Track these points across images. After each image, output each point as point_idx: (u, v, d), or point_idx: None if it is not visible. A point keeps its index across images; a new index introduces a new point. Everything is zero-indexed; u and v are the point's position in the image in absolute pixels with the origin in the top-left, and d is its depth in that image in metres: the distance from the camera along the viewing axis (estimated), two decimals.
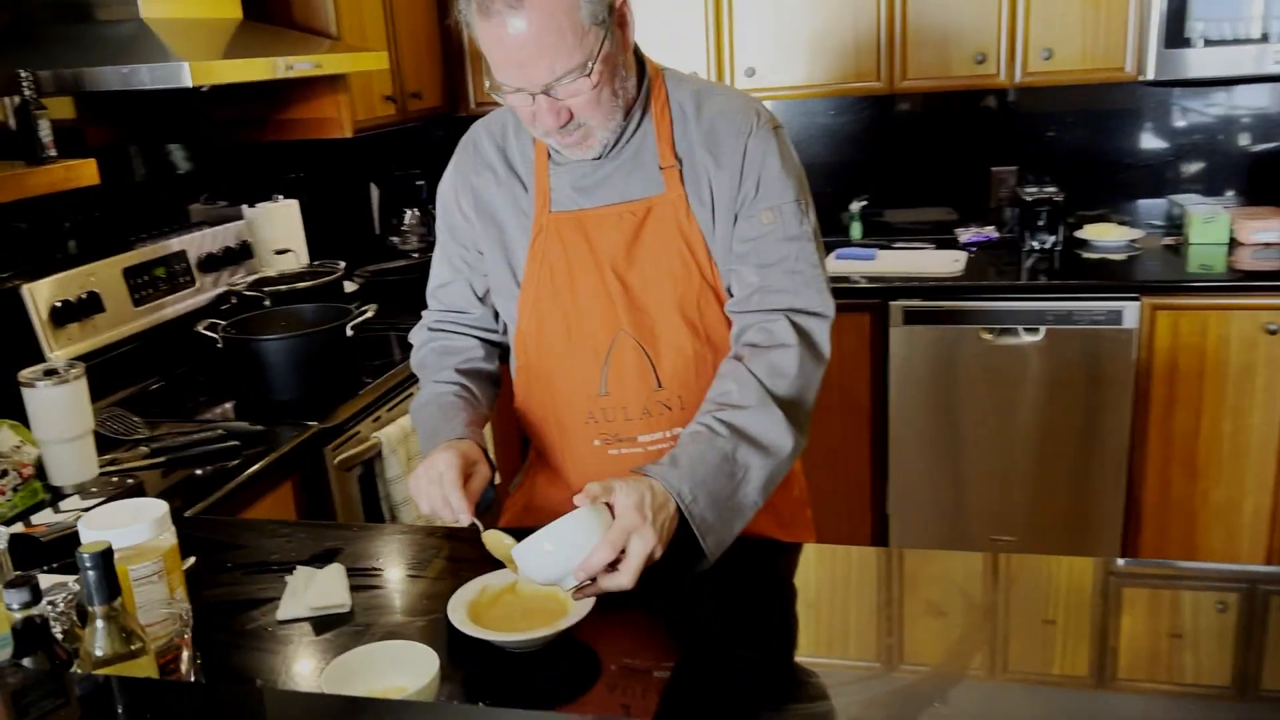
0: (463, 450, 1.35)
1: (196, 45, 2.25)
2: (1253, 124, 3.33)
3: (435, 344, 1.56)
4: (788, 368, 1.34)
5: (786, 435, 1.31)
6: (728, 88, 1.48)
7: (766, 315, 1.37)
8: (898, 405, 3.11)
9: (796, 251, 1.38)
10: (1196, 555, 3.03)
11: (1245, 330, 2.85)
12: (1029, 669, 1.21)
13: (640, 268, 1.41)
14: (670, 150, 1.40)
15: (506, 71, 1.27)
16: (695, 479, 1.25)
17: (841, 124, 3.60)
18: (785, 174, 1.39)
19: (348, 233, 3.55)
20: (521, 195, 1.47)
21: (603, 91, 1.30)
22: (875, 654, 1.25)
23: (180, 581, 1.27)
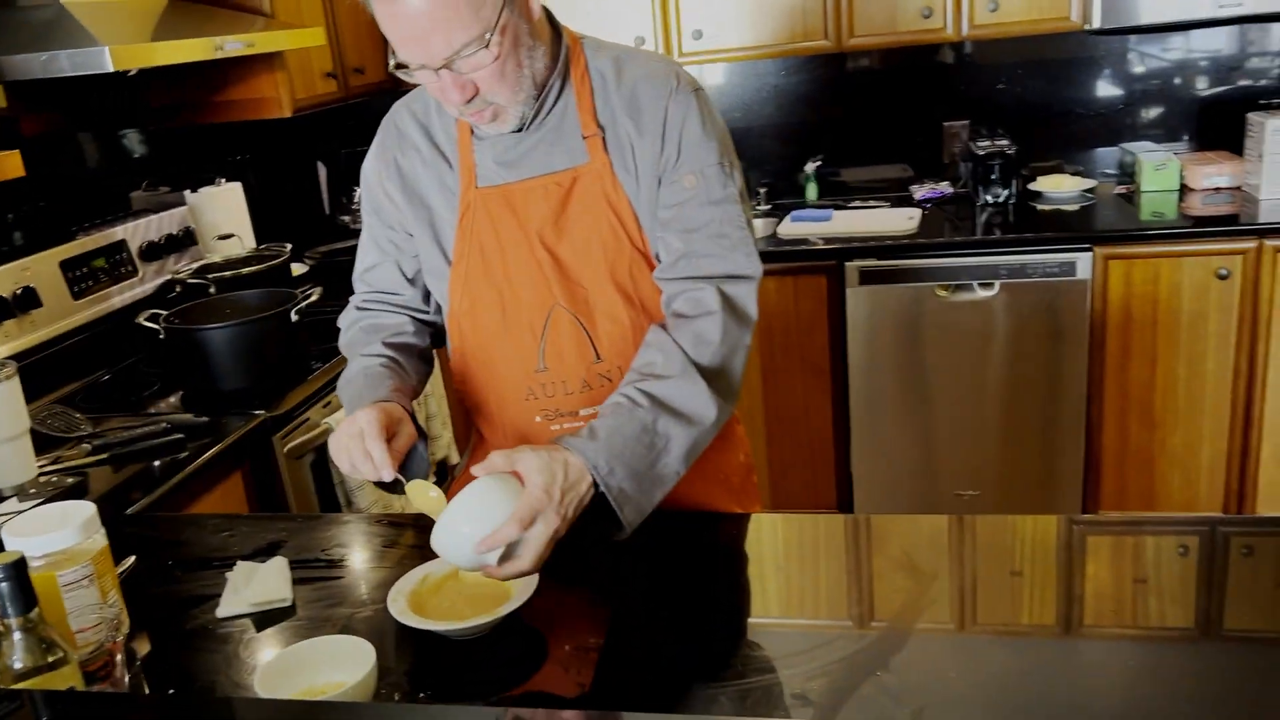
0: (385, 409, 1.32)
1: (120, 29, 2.18)
2: (1203, 69, 3.32)
3: (363, 322, 1.54)
4: (712, 335, 1.32)
5: (709, 405, 1.30)
6: (648, 52, 1.45)
7: (693, 282, 1.35)
8: (857, 365, 3.11)
9: (721, 215, 1.36)
10: (1156, 502, 3.06)
11: (1197, 276, 2.87)
12: (997, 621, 1.22)
13: (570, 239, 1.39)
14: (592, 119, 1.38)
15: (406, 48, 1.25)
16: (612, 450, 1.23)
17: (793, 84, 3.56)
18: (706, 136, 1.37)
19: (296, 214, 3.49)
20: (447, 173, 1.44)
21: (506, 64, 1.27)
22: (829, 619, 1.25)
23: (114, 584, 1.24)
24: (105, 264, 2.54)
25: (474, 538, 1.14)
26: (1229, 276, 2.84)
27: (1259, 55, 3.28)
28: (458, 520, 1.16)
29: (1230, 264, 2.83)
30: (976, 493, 3.15)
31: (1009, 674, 1.10)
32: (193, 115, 2.87)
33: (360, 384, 1.42)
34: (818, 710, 1.02)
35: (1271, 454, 2.96)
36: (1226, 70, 3.32)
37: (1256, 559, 1.32)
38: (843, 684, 1.06)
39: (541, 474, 1.18)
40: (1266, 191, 2.99)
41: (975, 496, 3.16)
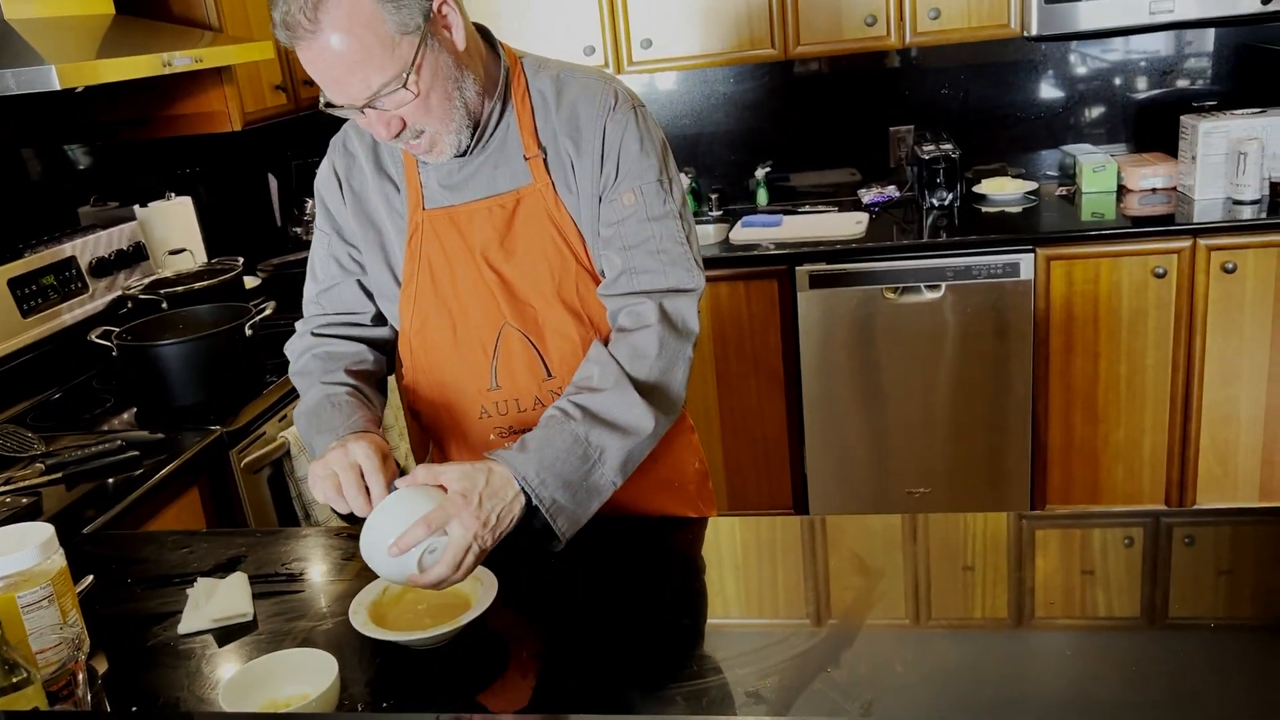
0: (375, 441, 1.32)
1: (66, 45, 2.17)
2: (1140, 72, 3.43)
3: (318, 350, 1.52)
4: (649, 348, 1.34)
5: (645, 416, 1.31)
6: (587, 69, 1.46)
7: (634, 298, 1.37)
8: (810, 367, 3.16)
9: (660, 231, 1.38)
10: (1101, 494, 3.14)
11: (1135, 275, 2.95)
12: (948, 615, 1.25)
13: (517, 259, 1.41)
14: (534, 140, 1.40)
15: (328, 90, 1.27)
16: (543, 462, 1.25)
17: (742, 91, 3.61)
18: (644, 153, 1.39)
19: (248, 227, 3.47)
20: (394, 195, 1.46)
21: (430, 99, 1.29)
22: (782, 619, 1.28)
23: (73, 604, 1.25)
24: (54, 281, 2.51)
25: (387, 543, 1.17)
26: (1166, 275, 2.93)
27: (1194, 57, 3.39)
28: (375, 527, 1.19)
29: (1166, 263, 2.92)
30: (927, 489, 3.22)
31: (958, 666, 1.13)
32: (141, 130, 2.86)
33: (329, 411, 1.40)
34: (770, 708, 1.06)
35: (1210, 445, 3.05)
36: (1161, 74, 3.42)
37: (1198, 549, 1.37)
38: (794, 681, 1.10)
39: (459, 481, 1.21)
40: (1200, 192, 3.09)
41: (926, 493, 3.22)
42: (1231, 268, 2.89)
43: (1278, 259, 2.88)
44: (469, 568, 1.20)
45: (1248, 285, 2.90)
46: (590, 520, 1.39)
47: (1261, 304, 2.91)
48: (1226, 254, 2.89)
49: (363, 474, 1.26)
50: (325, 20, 1.20)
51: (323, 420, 1.40)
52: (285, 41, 1.25)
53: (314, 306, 1.56)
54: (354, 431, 1.35)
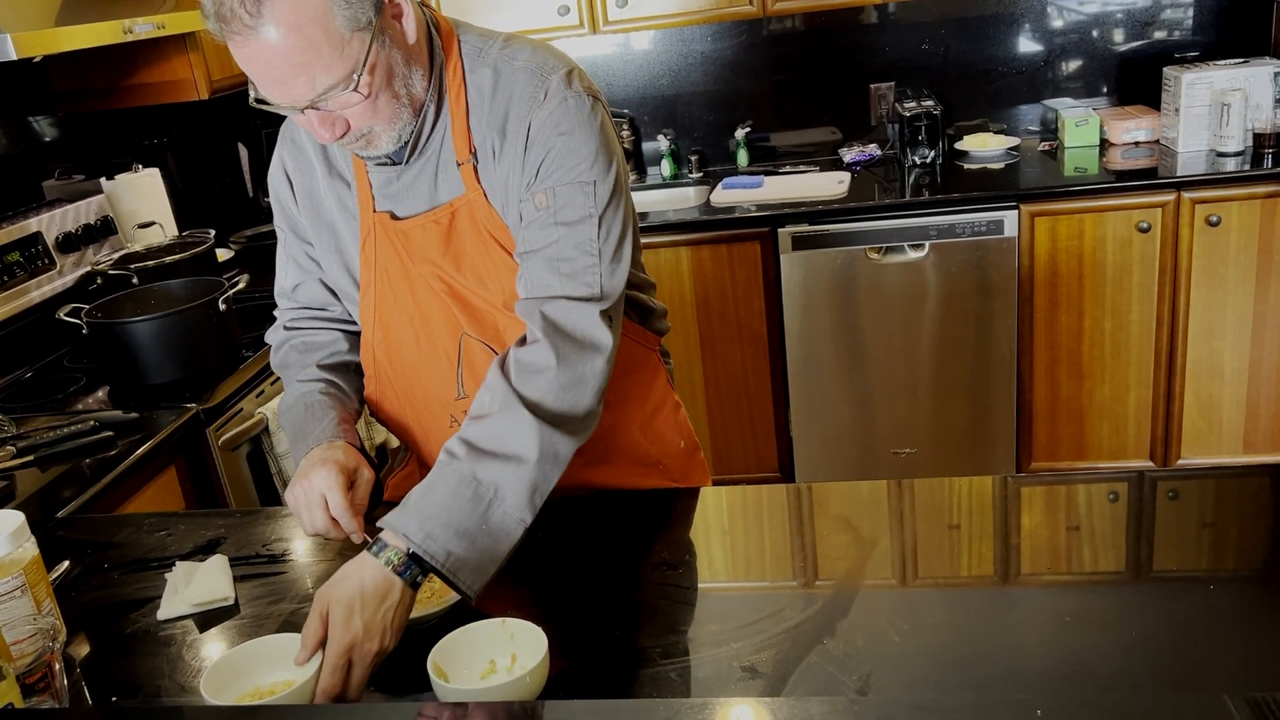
0: (338, 460, 1.27)
1: (22, 13, 2.09)
2: (1120, 23, 3.39)
3: (295, 340, 1.47)
4: (539, 363, 1.20)
5: (534, 439, 1.16)
6: (530, 53, 1.28)
7: (525, 307, 1.24)
8: (793, 330, 3.14)
9: (566, 236, 1.23)
10: (1086, 451, 3.14)
11: (1119, 230, 2.93)
12: (938, 576, 1.25)
13: (464, 271, 1.32)
14: (466, 144, 1.28)
15: (266, 89, 1.14)
16: (426, 513, 1.13)
17: (720, 50, 3.55)
18: (569, 150, 1.23)
19: (218, 198, 3.40)
20: (346, 193, 1.37)
21: (379, 99, 1.18)
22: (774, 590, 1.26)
23: (47, 593, 1.21)
24: (20, 258, 2.45)
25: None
26: (1150, 229, 2.91)
27: (1172, 8, 3.35)
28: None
29: (1150, 217, 2.90)
30: (913, 450, 3.21)
31: (952, 629, 1.13)
32: (105, 100, 2.78)
33: (301, 415, 1.36)
34: (767, 682, 1.04)
35: (1194, 400, 3.06)
36: (1142, 25, 3.38)
37: (1182, 502, 1.36)
38: (790, 654, 1.08)
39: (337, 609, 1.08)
40: (1184, 145, 3.06)
41: (912, 454, 3.22)
42: (1216, 221, 2.87)
43: (1261, 211, 2.86)
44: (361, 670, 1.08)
45: (1232, 238, 2.89)
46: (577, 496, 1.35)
47: (1245, 256, 2.90)
48: (1211, 207, 2.87)
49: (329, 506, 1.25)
50: (268, 14, 1.08)
51: (299, 426, 1.37)
52: (217, 34, 1.12)
53: (286, 300, 1.52)
54: (322, 443, 1.31)
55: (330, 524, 1.25)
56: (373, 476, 1.32)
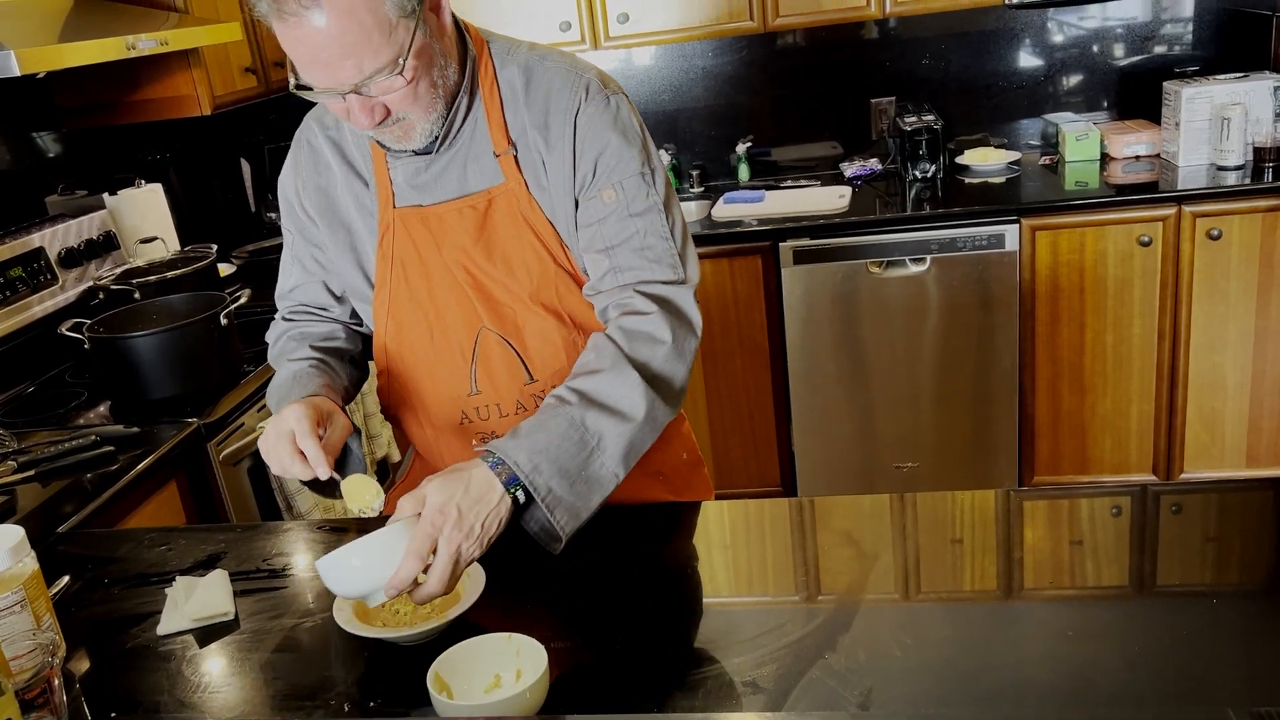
0: (313, 403, 1.27)
1: (26, 30, 2.11)
2: (1120, 38, 3.40)
3: (292, 331, 1.49)
4: (648, 329, 1.27)
5: (642, 399, 1.23)
6: (558, 56, 1.36)
7: (620, 291, 1.31)
8: (795, 344, 3.14)
9: (644, 226, 1.31)
10: (1089, 465, 3.14)
11: (1120, 244, 2.94)
12: (940, 590, 1.24)
13: (492, 261, 1.34)
14: (504, 135, 1.32)
15: (310, 72, 1.17)
16: (535, 447, 1.18)
17: (721, 65, 3.57)
18: (624, 146, 1.31)
19: (221, 212, 3.41)
20: (363, 192, 1.39)
21: (419, 85, 1.22)
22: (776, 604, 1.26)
23: (47, 608, 1.21)
24: (23, 273, 2.46)
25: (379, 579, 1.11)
26: (1151, 243, 2.91)
27: (1172, 22, 3.36)
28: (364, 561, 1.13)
29: (1151, 231, 2.91)
30: (915, 464, 3.21)
31: (954, 644, 1.12)
32: (108, 116, 2.79)
33: (289, 386, 1.36)
34: (768, 698, 1.03)
35: (1197, 414, 3.05)
36: (1142, 40, 3.39)
37: (1185, 515, 1.35)
38: (792, 669, 1.07)
39: (438, 493, 1.14)
40: (1184, 159, 3.07)
41: (914, 468, 3.21)
42: (1217, 234, 2.87)
43: (1263, 225, 2.86)
44: (458, 577, 1.16)
45: (1233, 252, 2.89)
46: None
47: (1247, 270, 2.90)
48: (1211, 221, 2.87)
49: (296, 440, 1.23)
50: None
51: (282, 395, 1.36)
52: (265, 16, 1.14)
53: (286, 302, 1.53)
54: (301, 398, 1.31)
55: (297, 459, 1.23)
56: (349, 425, 1.31)
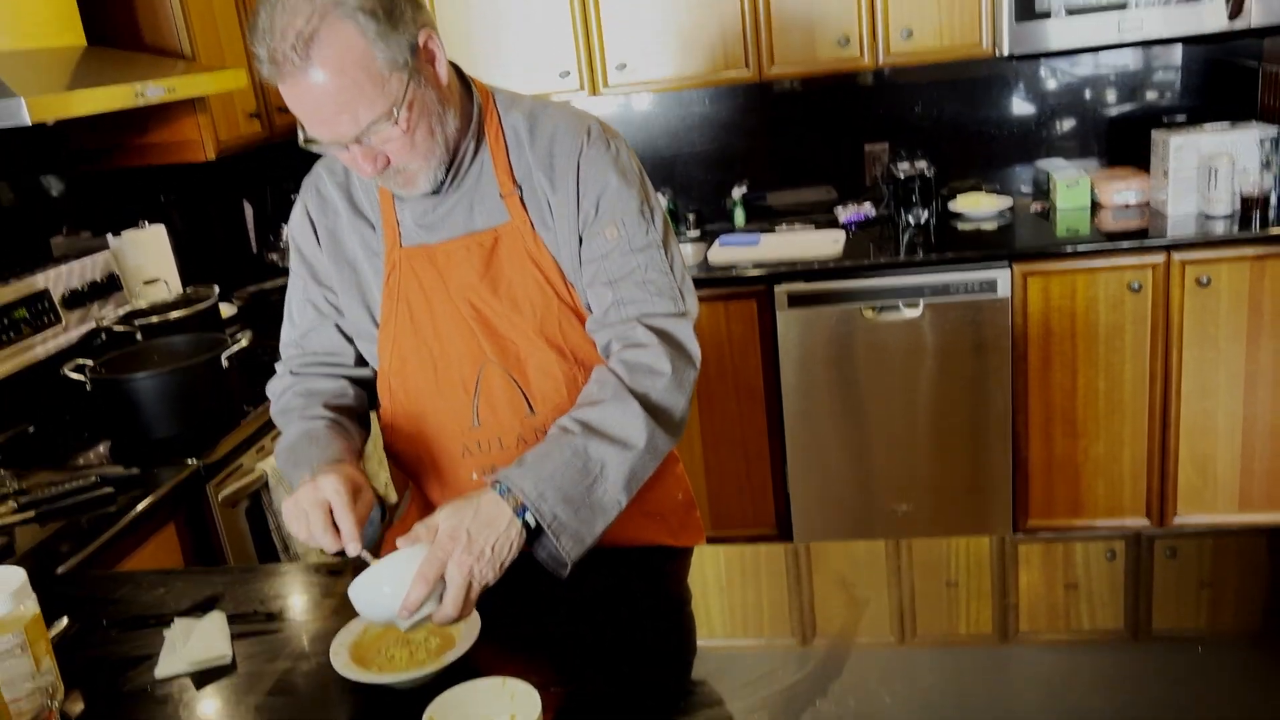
0: (345, 473, 1.30)
1: (36, 78, 2.15)
2: (1111, 88, 3.46)
3: (299, 387, 1.51)
4: (648, 362, 1.33)
5: (643, 428, 1.28)
6: (560, 105, 1.45)
7: (623, 325, 1.37)
8: (790, 387, 3.16)
9: (645, 261, 1.38)
10: (1082, 508, 3.16)
11: (1111, 290, 2.97)
12: (935, 634, 1.25)
13: (497, 296, 1.40)
14: (509, 177, 1.39)
15: (313, 127, 1.25)
16: (540, 475, 1.22)
17: (717, 112, 3.63)
18: (624, 186, 1.38)
19: (223, 254, 3.45)
20: (370, 235, 1.44)
21: (416, 134, 1.28)
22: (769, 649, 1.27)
23: (46, 650, 1.22)
24: (27, 314, 2.49)
25: (395, 601, 1.15)
26: (1141, 289, 2.95)
27: (1163, 71, 3.43)
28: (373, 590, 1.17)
29: (1141, 277, 2.95)
30: (910, 506, 3.22)
31: (945, 690, 1.13)
32: (114, 159, 2.83)
33: (305, 446, 1.39)
34: None
35: (1189, 457, 3.07)
36: (1131, 89, 3.46)
37: (1180, 560, 1.37)
38: (783, 715, 1.09)
39: (447, 519, 1.18)
40: (1173, 207, 3.12)
41: (909, 510, 3.22)
42: (1206, 281, 2.91)
43: (1250, 272, 2.90)
44: (474, 602, 1.19)
45: (1222, 298, 2.93)
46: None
47: (1236, 316, 2.93)
48: (1200, 268, 2.92)
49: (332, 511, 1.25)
50: (316, 57, 1.19)
51: (299, 454, 1.39)
52: (269, 77, 1.22)
53: (293, 349, 1.54)
54: (327, 463, 1.33)
55: (329, 531, 1.25)
56: (373, 500, 1.34)
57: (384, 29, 1.21)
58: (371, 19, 1.20)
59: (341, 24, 1.19)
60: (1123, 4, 2.97)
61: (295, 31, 1.18)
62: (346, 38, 1.19)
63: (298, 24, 1.18)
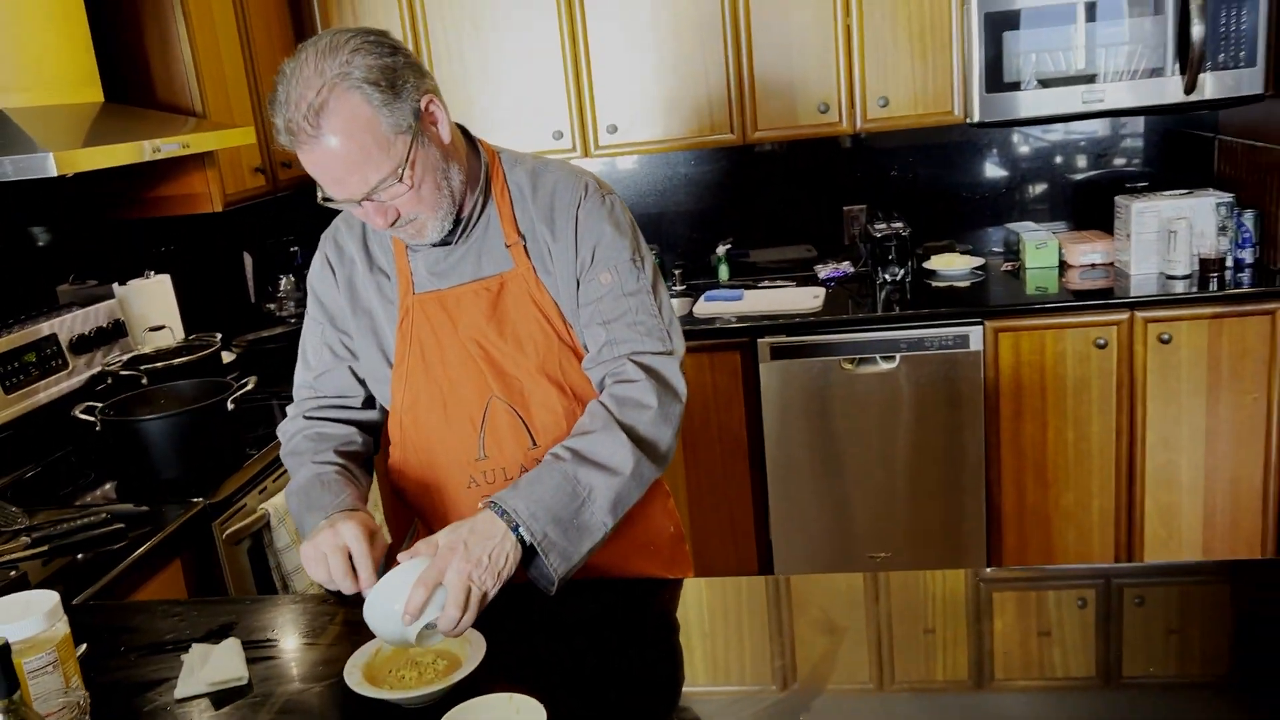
0: (362, 519, 1.39)
1: (59, 133, 2.26)
2: (1078, 154, 3.63)
3: (309, 431, 1.60)
4: (636, 396, 1.44)
5: (629, 456, 1.39)
6: (559, 163, 1.58)
7: (615, 362, 1.49)
8: (772, 436, 3.27)
9: (635, 305, 1.50)
10: (1053, 556, 3.26)
11: (1078, 346, 3.11)
12: (912, 679, 1.30)
13: (503, 337, 1.51)
14: (513, 228, 1.52)
15: (328, 186, 1.38)
16: (532, 497, 1.33)
17: (703, 173, 3.78)
18: (617, 236, 1.51)
19: (223, 303, 3.54)
20: (385, 284, 1.56)
21: (422, 189, 1.40)
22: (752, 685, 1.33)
23: (75, 670, 1.30)
24: (35, 358, 2.57)
25: (397, 612, 1.26)
26: (1106, 345, 3.09)
27: (1127, 140, 3.60)
28: (376, 602, 1.28)
29: (1107, 334, 3.09)
30: (888, 554, 3.32)
31: None
32: (125, 210, 2.94)
33: (318, 491, 1.47)
34: None
35: (1154, 508, 3.19)
36: (1097, 156, 3.63)
37: (1148, 607, 1.43)
38: None
39: (446, 535, 1.30)
40: (1135, 267, 3.27)
41: (887, 558, 3.32)
42: (1167, 339, 3.05)
43: (1209, 331, 3.05)
44: (475, 607, 1.27)
45: (1183, 355, 3.07)
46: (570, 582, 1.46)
47: (1196, 373, 3.07)
48: (1162, 326, 3.06)
49: (351, 556, 1.35)
50: (326, 126, 1.31)
51: (312, 499, 1.47)
52: (287, 145, 1.35)
53: (306, 390, 1.64)
54: (342, 510, 1.42)
55: (349, 575, 1.34)
56: (387, 544, 1.43)
57: (388, 97, 1.33)
58: (376, 89, 1.33)
59: (349, 95, 1.31)
60: (1091, 76, 3.14)
61: (307, 103, 1.30)
62: (354, 107, 1.32)
63: (309, 96, 1.30)
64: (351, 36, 1.34)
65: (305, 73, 1.31)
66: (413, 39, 3.45)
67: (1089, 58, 3.12)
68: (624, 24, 3.37)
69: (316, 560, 1.36)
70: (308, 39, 1.38)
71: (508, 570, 1.31)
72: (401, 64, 1.36)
